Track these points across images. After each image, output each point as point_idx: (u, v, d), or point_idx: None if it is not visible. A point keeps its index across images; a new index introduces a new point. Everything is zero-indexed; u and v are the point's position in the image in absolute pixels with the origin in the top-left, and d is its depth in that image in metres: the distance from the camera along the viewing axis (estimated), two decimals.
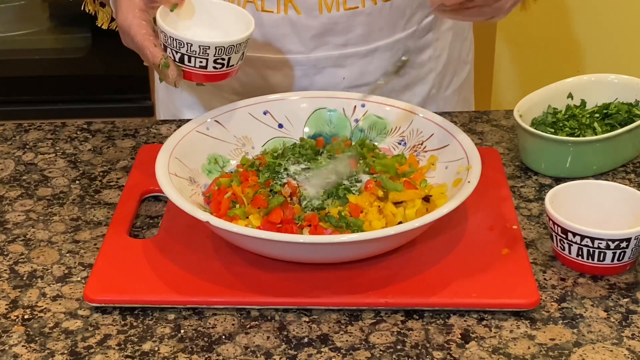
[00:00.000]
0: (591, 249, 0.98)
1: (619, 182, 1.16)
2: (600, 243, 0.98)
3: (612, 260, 0.98)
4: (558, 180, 1.16)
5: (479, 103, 1.55)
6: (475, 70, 1.47)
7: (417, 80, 1.34)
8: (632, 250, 0.98)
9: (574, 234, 0.98)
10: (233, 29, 1.09)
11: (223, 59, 1.05)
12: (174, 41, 1.03)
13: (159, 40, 1.06)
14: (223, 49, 1.04)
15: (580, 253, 0.99)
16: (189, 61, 1.05)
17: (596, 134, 1.17)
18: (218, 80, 1.07)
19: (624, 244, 0.98)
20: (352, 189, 1.04)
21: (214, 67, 1.05)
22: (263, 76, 1.29)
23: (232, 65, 1.07)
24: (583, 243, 0.98)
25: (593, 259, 0.99)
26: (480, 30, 1.44)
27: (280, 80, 1.28)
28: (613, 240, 0.97)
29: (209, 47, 1.04)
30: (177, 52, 1.04)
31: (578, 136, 1.17)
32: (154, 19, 1.06)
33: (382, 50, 1.28)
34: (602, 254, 0.98)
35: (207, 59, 1.05)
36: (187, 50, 1.04)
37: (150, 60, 1.06)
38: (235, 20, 1.10)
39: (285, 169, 1.07)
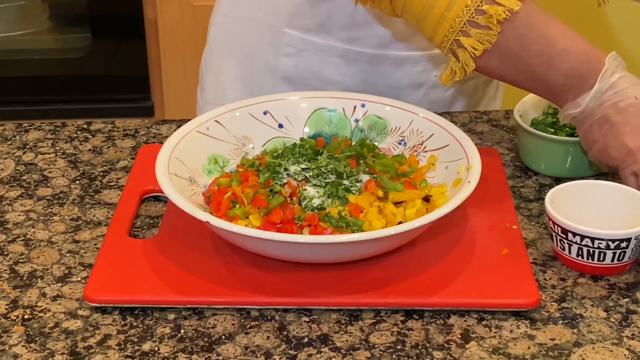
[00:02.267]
0: (591, 249, 0.98)
1: (619, 182, 1.16)
2: (601, 243, 0.98)
3: (612, 260, 0.98)
4: (558, 180, 1.16)
5: None
6: None
7: (478, 84, 1.38)
8: (632, 250, 0.98)
9: (574, 234, 0.98)
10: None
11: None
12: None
13: None
14: None
15: (580, 253, 0.99)
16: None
17: None
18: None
19: (624, 244, 0.98)
20: (352, 189, 1.04)
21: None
22: (383, 74, 1.30)
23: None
24: (583, 243, 0.98)
25: (593, 259, 0.99)
26: None
27: (401, 76, 1.30)
28: (613, 240, 0.97)
29: None
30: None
31: (578, 136, 1.17)
32: None
33: None
34: (602, 254, 0.98)
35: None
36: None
37: None
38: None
39: (285, 169, 1.07)
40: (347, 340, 0.92)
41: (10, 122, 1.32)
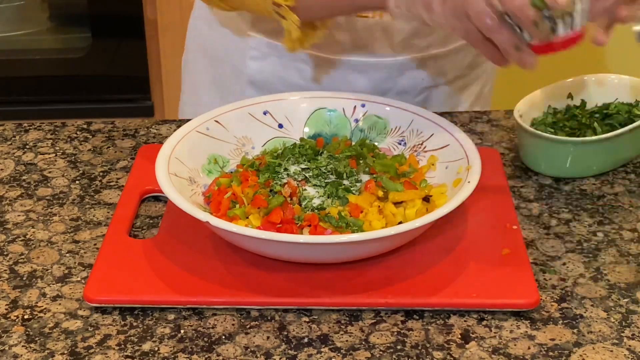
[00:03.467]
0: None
1: (619, 182, 1.16)
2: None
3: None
4: (558, 180, 1.16)
5: None
6: None
7: (474, 80, 1.37)
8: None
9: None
10: None
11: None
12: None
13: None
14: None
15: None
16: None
17: (596, 134, 1.17)
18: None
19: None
20: (352, 189, 1.04)
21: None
22: (347, 80, 1.29)
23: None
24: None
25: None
26: None
27: (365, 83, 1.29)
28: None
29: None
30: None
31: (578, 136, 1.17)
32: None
33: (457, 51, 1.31)
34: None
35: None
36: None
37: (527, 24, 0.95)
38: None
39: (285, 169, 1.07)
40: (347, 341, 0.92)
41: (10, 122, 1.32)
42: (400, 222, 1.00)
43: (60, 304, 0.98)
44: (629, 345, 0.91)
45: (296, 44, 1.14)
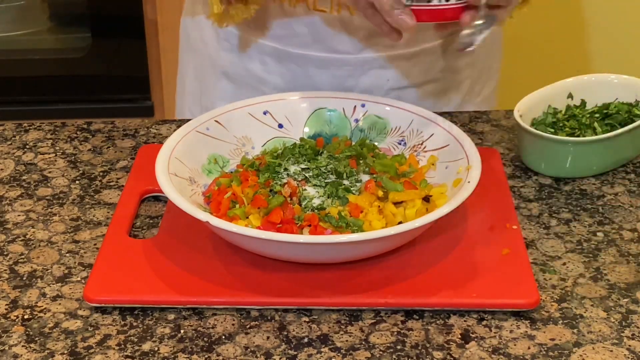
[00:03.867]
0: None
1: (619, 182, 1.16)
2: None
3: None
4: (558, 180, 1.16)
5: None
6: None
7: (452, 87, 1.35)
8: None
9: None
10: None
11: None
12: None
13: None
14: None
15: None
16: None
17: (596, 134, 1.17)
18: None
19: None
20: (352, 189, 1.04)
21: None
22: (309, 75, 1.29)
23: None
24: None
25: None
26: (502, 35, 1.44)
27: (326, 79, 1.28)
28: None
29: None
30: None
31: (578, 136, 1.17)
32: None
33: (426, 53, 1.29)
34: None
35: None
36: None
37: None
38: None
39: (285, 169, 1.07)
40: (347, 341, 0.92)
41: (10, 122, 1.32)
42: (400, 222, 1.00)
43: (60, 304, 0.98)
44: (629, 345, 0.91)
45: (224, 18, 1.15)
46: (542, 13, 2.02)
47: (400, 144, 1.14)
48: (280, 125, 1.16)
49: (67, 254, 1.05)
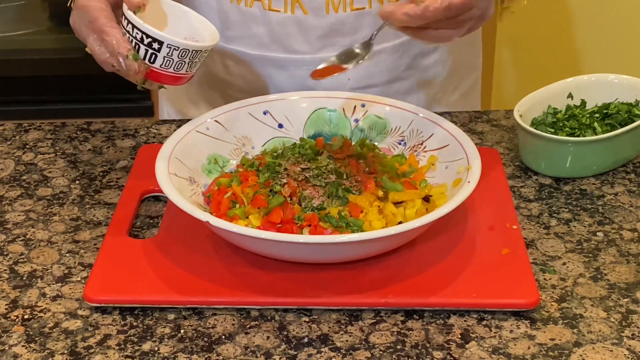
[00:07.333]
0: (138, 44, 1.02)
1: (619, 182, 1.16)
2: (137, 34, 1.01)
3: (152, 61, 1.02)
4: (558, 180, 1.16)
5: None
6: None
7: (422, 84, 1.34)
8: (165, 58, 1.02)
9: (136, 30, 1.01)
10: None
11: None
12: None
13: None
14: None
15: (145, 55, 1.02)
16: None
17: (596, 134, 1.17)
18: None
19: (155, 45, 1.01)
20: (352, 189, 1.04)
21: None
22: (268, 75, 1.29)
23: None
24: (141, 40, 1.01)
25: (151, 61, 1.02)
26: (481, 31, 1.44)
27: (285, 80, 1.28)
28: (147, 36, 1.00)
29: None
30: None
31: (578, 136, 1.17)
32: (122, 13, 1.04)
33: (388, 52, 1.28)
34: (153, 55, 1.02)
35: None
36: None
37: (114, 48, 1.02)
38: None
39: (285, 169, 1.07)
40: (347, 340, 0.92)
41: (10, 122, 1.32)
42: (400, 222, 1.00)
43: (60, 303, 0.98)
44: (629, 345, 0.91)
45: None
46: (542, 14, 2.02)
47: (400, 144, 1.15)
48: (280, 125, 1.16)
49: (67, 254, 1.05)
